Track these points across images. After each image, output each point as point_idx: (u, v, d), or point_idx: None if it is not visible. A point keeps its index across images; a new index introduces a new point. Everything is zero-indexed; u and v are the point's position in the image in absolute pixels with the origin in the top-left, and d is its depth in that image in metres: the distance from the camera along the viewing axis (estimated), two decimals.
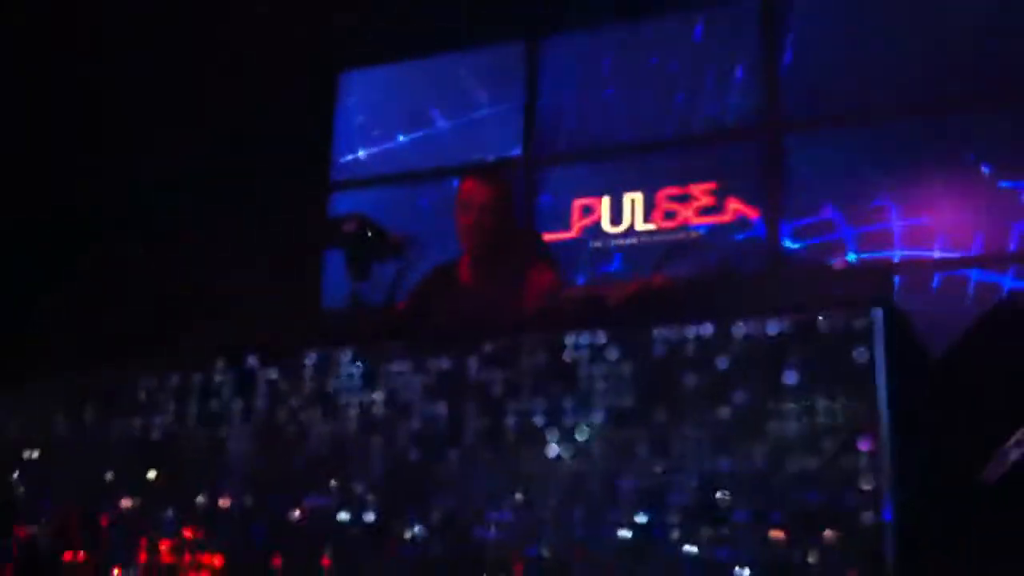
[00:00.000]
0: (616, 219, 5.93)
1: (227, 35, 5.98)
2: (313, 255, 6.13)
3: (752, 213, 5.59)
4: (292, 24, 6.18)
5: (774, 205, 5.53)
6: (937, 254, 5.14)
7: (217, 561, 2.53)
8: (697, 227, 5.71)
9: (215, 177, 5.89)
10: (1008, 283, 4.97)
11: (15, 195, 5.33)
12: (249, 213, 5.92)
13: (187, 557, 2.56)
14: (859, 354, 2.08)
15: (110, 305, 5.03)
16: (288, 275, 5.86)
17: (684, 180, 5.81)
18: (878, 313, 2.09)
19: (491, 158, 6.40)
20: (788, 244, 5.43)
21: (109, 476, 2.75)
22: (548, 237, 5.98)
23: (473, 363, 2.42)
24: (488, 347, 2.40)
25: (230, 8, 5.86)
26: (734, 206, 5.64)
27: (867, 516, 2.00)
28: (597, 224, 5.98)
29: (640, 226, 5.85)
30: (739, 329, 2.20)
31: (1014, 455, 2.30)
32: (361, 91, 6.98)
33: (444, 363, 2.44)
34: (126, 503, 2.69)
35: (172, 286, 5.39)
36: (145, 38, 5.81)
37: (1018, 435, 2.31)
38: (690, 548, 2.13)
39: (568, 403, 2.30)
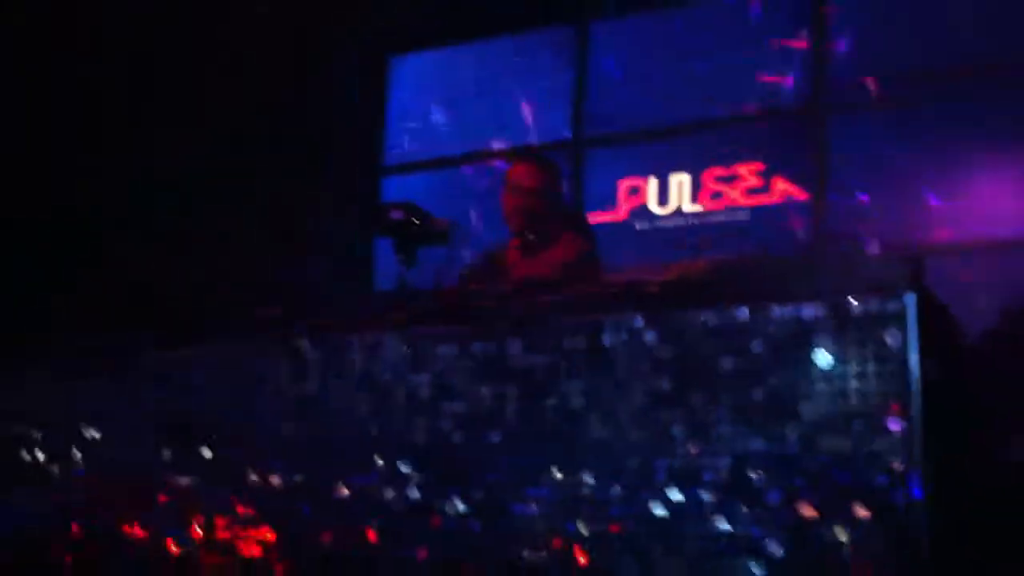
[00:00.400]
0: (663, 200, 5.96)
1: (278, 20, 6.05)
2: (365, 240, 6.21)
3: (799, 194, 5.59)
4: (344, 9, 6.25)
5: (820, 186, 5.53)
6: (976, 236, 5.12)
7: (269, 536, 2.62)
8: (744, 208, 5.72)
9: (267, 163, 5.98)
10: None
11: (51, 190, 5.44)
12: (300, 198, 6.01)
13: (240, 532, 2.65)
14: (892, 337, 2.12)
15: (166, 285, 5.14)
16: (340, 259, 5.95)
17: (731, 161, 5.82)
18: (911, 297, 2.12)
19: (539, 140, 6.45)
20: (831, 225, 5.44)
21: (166, 455, 2.85)
22: (595, 218, 6.04)
23: (515, 346, 2.48)
24: (529, 330, 2.46)
25: None
26: (781, 187, 5.65)
27: (898, 495, 2.04)
28: (644, 205, 6.01)
29: (687, 207, 5.87)
30: (774, 313, 2.24)
31: None
32: (412, 75, 7.05)
33: (487, 346, 2.51)
34: (182, 480, 2.79)
35: (227, 271, 5.50)
36: (195, 20, 5.90)
37: None
38: (724, 525, 2.18)
39: (606, 385, 2.36)
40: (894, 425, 2.07)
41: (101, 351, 3.07)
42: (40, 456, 3.06)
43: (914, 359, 2.09)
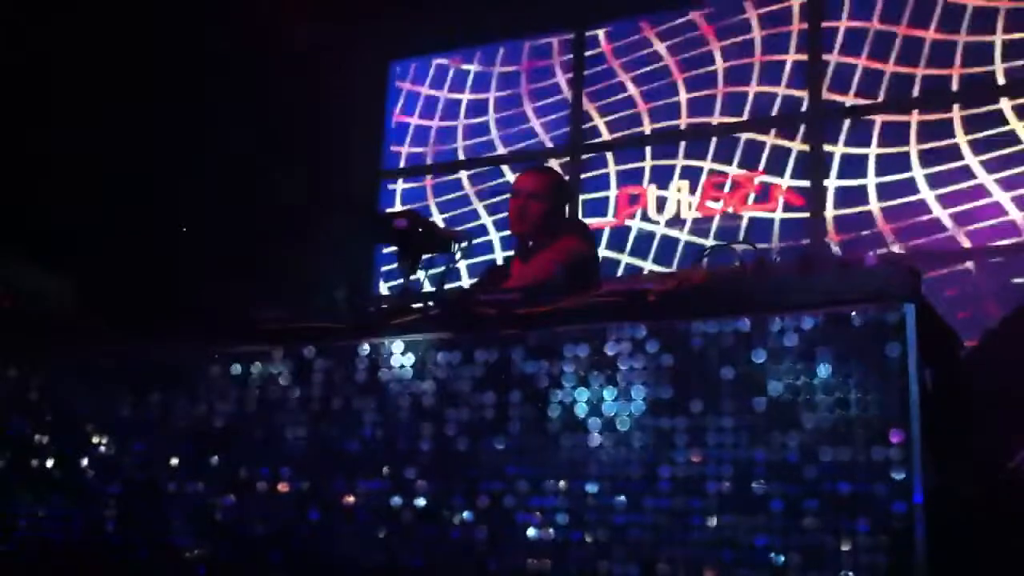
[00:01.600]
0: (662, 207, 5.99)
1: (280, 24, 6.08)
2: (366, 246, 6.24)
3: (797, 201, 5.63)
4: (346, 13, 6.27)
5: (818, 194, 5.56)
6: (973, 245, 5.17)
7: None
8: (743, 215, 5.75)
9: (266, 166, 6.00)
10: None
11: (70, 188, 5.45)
12: (302, 203, 6.03)
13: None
14: (891, 348, 2.14)
15: (165, 291, 5.15)
16: (342, 265, 5.97)
17: (731, 168, 5.86)
18: (909, 308, 2.15)
19: (539, 146, 6.48)
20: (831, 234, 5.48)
21: (174, 461, 2.87)
22: (594, 224, 6.08)
23: (518, 354, 2.51)
24: (532, 339, 2.49)
25: None
26: (780, 194, 5.68)
27: (898, 505, 2.07)
28: (643, 212, 6.04)
29: (686, 214, 5.90)
30: (775, 324, 2.27)
31: None
32: (411, 81, 7.08)
33: (490, 354, 2.53)
34: (189, 487, 2.81)
35: (226, 278, 5.52)
36: (196, 23, 5.92)
37: None
38: (726, 534, 2.21)
39: (609, 394, 2.39)
40: (895, 435, 2.10)
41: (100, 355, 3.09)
42: (43, 459, 3.07)
43: (913, 369, 2.12)
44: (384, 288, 6.48)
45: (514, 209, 3.79)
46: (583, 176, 6.28)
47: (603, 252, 5.91)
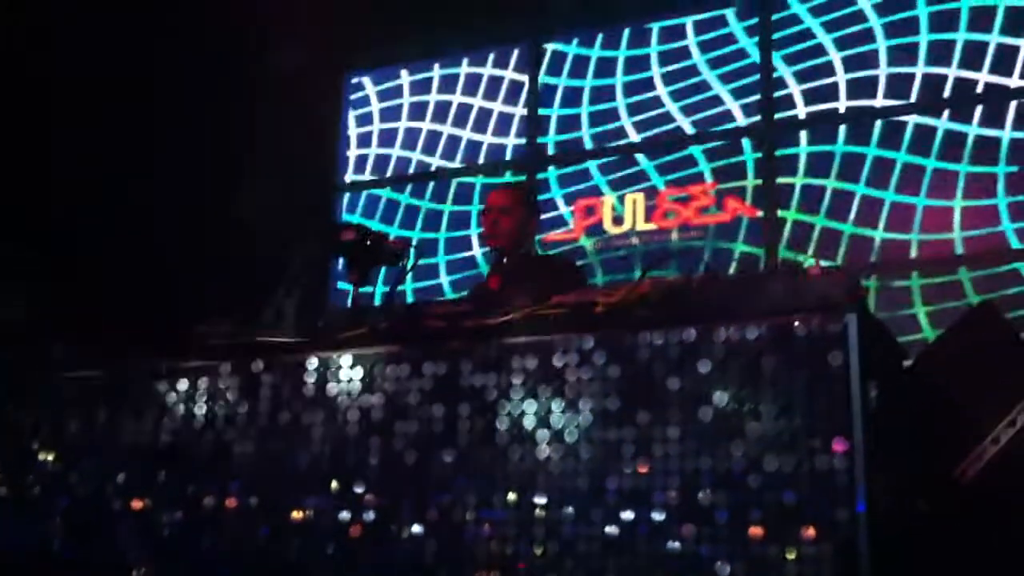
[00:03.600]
0: (618, 220, 6.01)
1: (235, 34, 6.05)
2: (319, 258, 6.20)
3: (750, 212, 5.67)
4: (300, 24, 6.25)
5: (771, 204, 5.61)
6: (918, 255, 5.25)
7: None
8: (697, 227, 5.79)
9: (219, 177, 5.97)
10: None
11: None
12: (254, 214, 5.99)
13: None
14: (833, 357, 2.16)
15: (110, 306, 5.09)
16: (293, 277, 5.92)
17: (684, 181, 5.90)
18: (852, 317, 2.17)
19: (494, 158, 6.49)
20: (784, 243, 5.53)
21: (120, 478, 2.84)
22: (550, 237, 6.09)
23: (466, 367, 2.50)
24: (480, 351, 2.49)
25: (239, 7, 5.93)
26: (733, 205, 5.72)
27: (842, 514, 2.08)
28: (599, 224, 6.06)
29: (641, 226, 5.93)
30: (720, 334, 2.28)
31: (989, 452, 2.38)
32: (367, 92, 7.07)
33: (439, 367, 2.53)
34: (136, 504, 2.78)
35: (175, 289, 5.47)
36: (153, 31, 5.89)
37: (994, 433, 2.39)
38: (673, 545, 2.21)
39: (557, 405, 2.39)
40: (838, 444, 2.11)
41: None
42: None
43: (856, 378, 2.13)
44: (340, 300, 6.45)
45: (487, 225, 4.01)
46: (539, 188, 6.29)
47: None
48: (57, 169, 5.62)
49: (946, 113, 5.40)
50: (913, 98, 5.48)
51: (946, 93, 5.43)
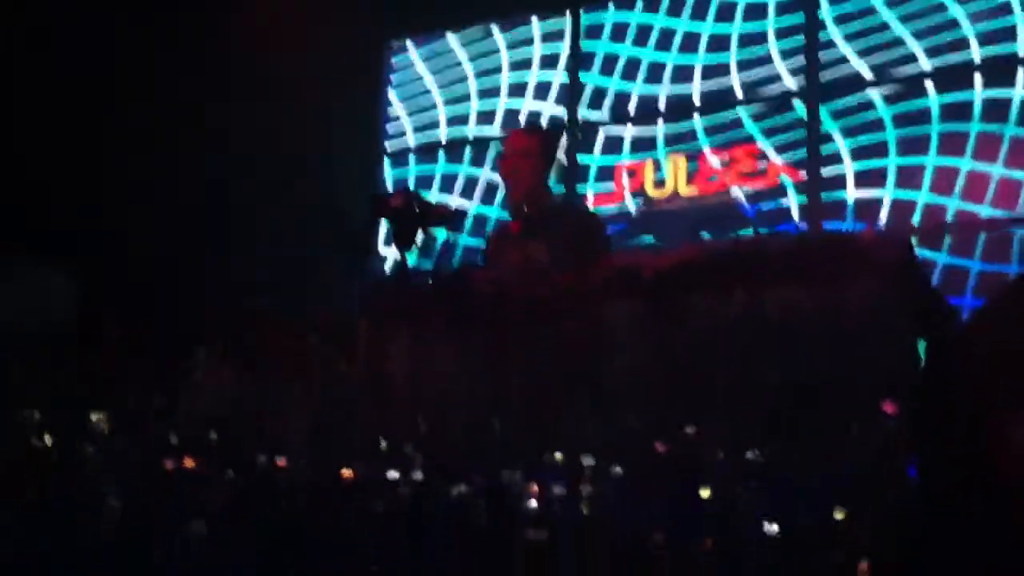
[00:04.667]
0: (659, 183, 6.00)
1: (275, 8, 6.07)
2: (365, 225, 6.24)
3: (794, 176, 5.63)
4: None
5: (815, 168, 5.57)
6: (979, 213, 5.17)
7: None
8: (740, 190, 5.76)
9: (265, 149, 6.00)
10: None
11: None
12: (300, 184, 6.04)
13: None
14: (887, 320, 2.15)
15: (161, 283, 5.16)
16: (340, 245, 5.97)
17: (727, 144, 5.86)
18: (901, 278, 2.16)
19: (538, 124, 6.49)
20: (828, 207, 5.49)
21: (173, 439, 2.89)
22: (592, 200, 6.09)
23: (515, 333, 2.52)
24: (529, 318, 2.50)
25: None
26: (776, 170, 5.68)
27: (892, 477, 2.08)
28: (641, 188, 6.05)
29: (683, 190, 5.91)
30: (769, 297, 2.28)
31: None
32: (410, 60, 7.08)
33: (486, 334, 2.55)
34: (188, 463, 2.83)
35: (228, 261, 5.53)
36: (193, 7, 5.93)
37: None
38: (722, 503, 2.22)
39: (605, 369, 2.40)
40: (889, 408, 2.11)
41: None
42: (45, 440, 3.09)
43: (909, 342, 2.13)
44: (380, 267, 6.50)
45: (504, 171, 3.89)
46: (579, 151, 6.29)
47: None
48: (104, 156, 5.68)
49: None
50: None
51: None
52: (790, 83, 5.80)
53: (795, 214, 5.58)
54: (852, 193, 5.47)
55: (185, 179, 5.79)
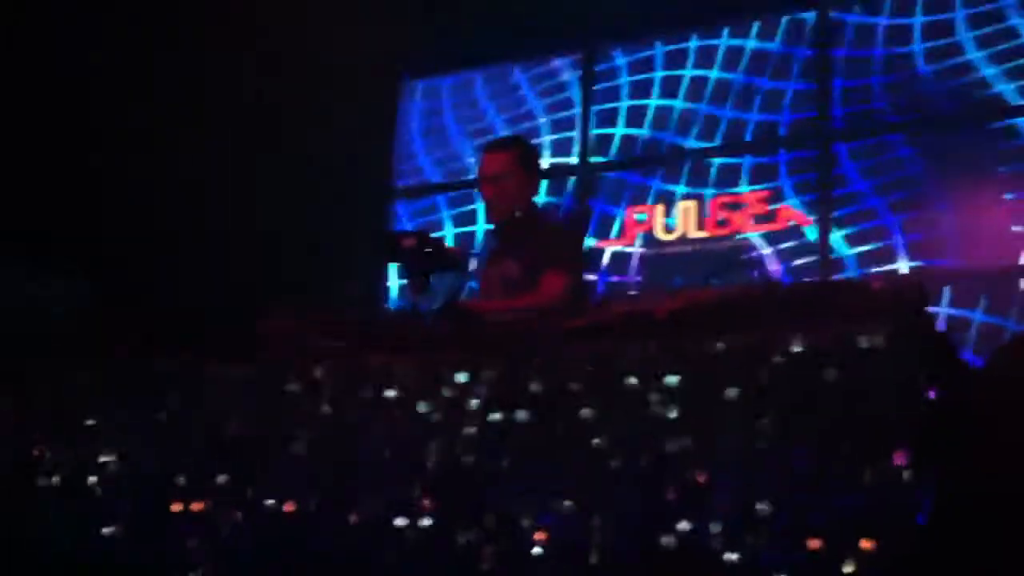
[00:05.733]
0: (669, 227, 6.01)
1: (293, 39, 6.11)
2: (376, 262, 6.26)
3: (805, 221, 5.64)
4: (357, 31, 6.30)
5: (826, 213, 5.58)
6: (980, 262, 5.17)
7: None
8: (750, 235, 5.77)
9: (279, 182, 6.03)
10: None
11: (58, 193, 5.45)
12: (314, 219, 6.05)
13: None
14: (898, 366, 2.14)
15: (162, 300, 5.15)
16: (352, 281, 5.98)
17: (737, 188, 5.88)
18: (917, 326, 2.16)
19: (549, 165, 6.52)
20: (840, 252, 5.48)
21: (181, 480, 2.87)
22: (602, 244, 6.10)
23: (524, 372, 2.51)
24: (538, 358, 2.50)
25: (298, 11, 5.99)
26: (786, 214, 5.69)
27: (903, 526, 2.07)
28: (650, 232, 6.06)
29: (693, 234, 5.92)
30: (781, 341, 2.27)
31: None
32: (424, 99, 7.13)
33: (496, 371, 2.54)
34: (196, 506, 2.81)
35: (237, 291, 5.53)
36: (208, 36, 5.96)
37: None
38: (731, 555, 2.20)
39: (616, 412, 2.39)
40: (900, 457, 2.09)
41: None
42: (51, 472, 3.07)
43: (917, 388, 2.12)
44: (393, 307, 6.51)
45: (486, 195, 3.81)
46: (590, 195, 6.32)
47: (609, 271, 5.99)
48: (107, 160, 5.67)
49: None
50: None
51: None
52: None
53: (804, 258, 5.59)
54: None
55: (187, 203, 5.78)
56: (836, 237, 5.50)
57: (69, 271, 5.08)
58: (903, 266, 5.23)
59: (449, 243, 3.36)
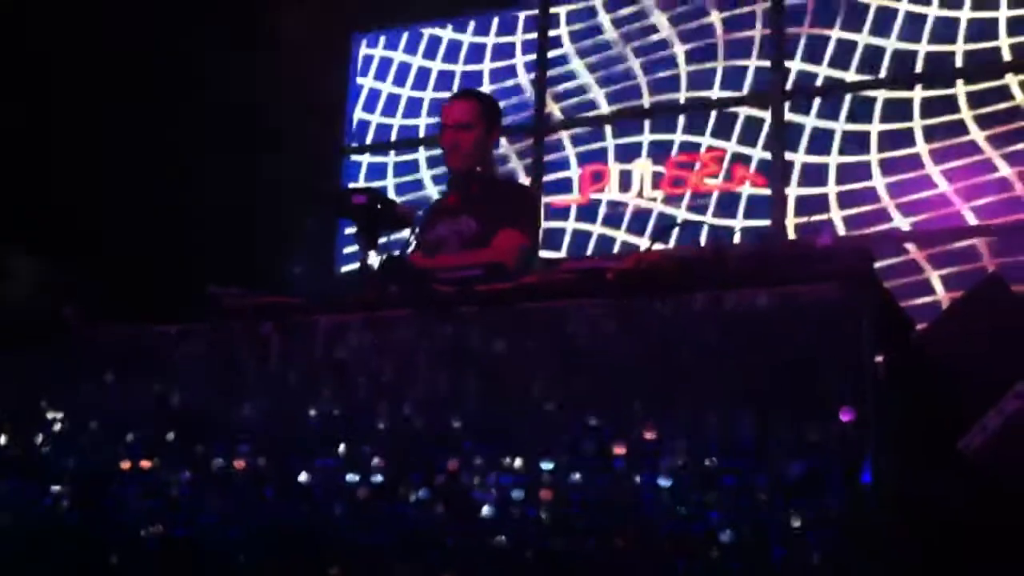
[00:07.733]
0: (625, 186, 6.01)
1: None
2: (327, 221, 6.21)
3: (759, 181, 5.67)
4: None
5: (781, 173, 5.60)
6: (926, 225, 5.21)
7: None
8: (705, 194, 5.79)
9: (227, 141, 5.96)
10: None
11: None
12: (263, 177, 5.99)
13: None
14: (842, 327, 2.16)
15: (119, 274, 5.10)
16: (301, 240, 5.94)
17: (693, 147, 5.89)
18: (863, 286, 2.17)
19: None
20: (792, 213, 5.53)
21: (129, 437, 2.85)
22: (557, 202, 6.09)
23: (475, 331, 2.51)
24: (490, 317, 2.49)
25: None
26: (741, 173, 5.71)
27: (849, 484, 2.09)
28: (606, 191, 6.05)
29: (648, 193, 5.93)
30: (729, 302, 2.28)
31: (993, 424, 2.40)
32: (373, 54, 7.05)
33: (447, 330, 2.53)
34: (145, 464, 2.79)
35: (184, 252, 5.48)
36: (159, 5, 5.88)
37: (998, 405, 2.40)
38: (680, 509, 2.22)
39: (566, 371, 2.39)
40: (846, 415, 2.12)
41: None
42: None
43: (864, 348, 2.14)
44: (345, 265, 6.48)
45: (446, 142, 3.77)
46: (546, 154, 6.29)
47: (563, 232, 6.00)
48: (59, 147, 5.62)
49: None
50: None
51: None
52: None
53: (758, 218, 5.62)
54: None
55: (138, 173, 5.73)
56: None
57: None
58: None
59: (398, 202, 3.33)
